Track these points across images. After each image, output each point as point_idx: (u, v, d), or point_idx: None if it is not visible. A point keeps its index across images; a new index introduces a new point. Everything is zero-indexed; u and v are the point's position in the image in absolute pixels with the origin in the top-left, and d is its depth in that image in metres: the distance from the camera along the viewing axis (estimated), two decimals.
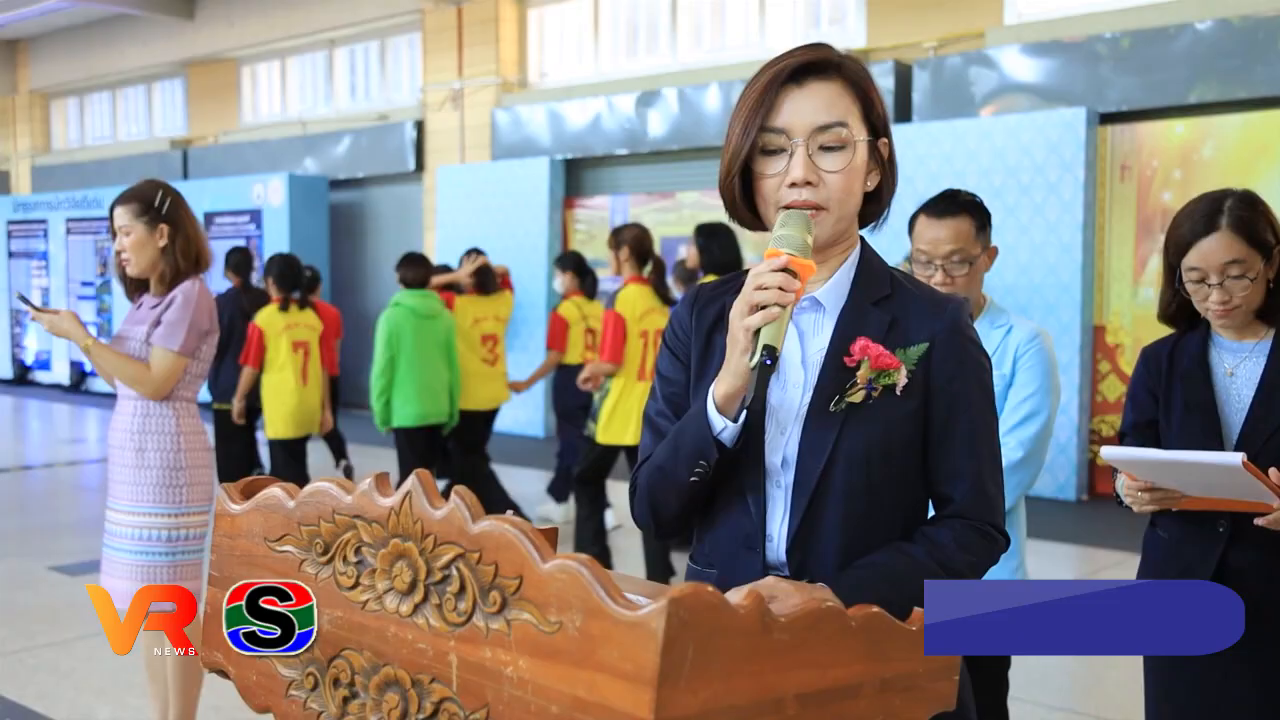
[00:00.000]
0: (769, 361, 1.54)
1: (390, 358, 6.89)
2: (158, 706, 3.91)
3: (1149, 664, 2.70)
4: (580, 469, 6.43)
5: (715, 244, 6.04)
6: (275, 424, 7.31)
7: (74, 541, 7.00)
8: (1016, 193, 9.26)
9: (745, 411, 1.64)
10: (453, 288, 7.63)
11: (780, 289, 1.56)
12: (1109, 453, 2.46)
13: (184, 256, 3.71)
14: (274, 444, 7.49)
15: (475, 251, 7.90)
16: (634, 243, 6.13)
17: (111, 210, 3.76)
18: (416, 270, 7.20)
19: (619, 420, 6.05)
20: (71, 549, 6.93)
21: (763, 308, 1.56)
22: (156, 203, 3.68)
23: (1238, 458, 2.21)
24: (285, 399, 7.24)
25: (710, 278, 5.81)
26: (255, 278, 8.92)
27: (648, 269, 6.24)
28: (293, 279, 7.44)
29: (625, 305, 6.00)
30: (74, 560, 6.71)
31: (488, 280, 7.65)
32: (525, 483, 9.05)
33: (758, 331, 1.57)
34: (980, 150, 9.46)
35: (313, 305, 7.79)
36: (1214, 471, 2.30)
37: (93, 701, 4.51)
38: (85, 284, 17.04)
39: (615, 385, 6.05)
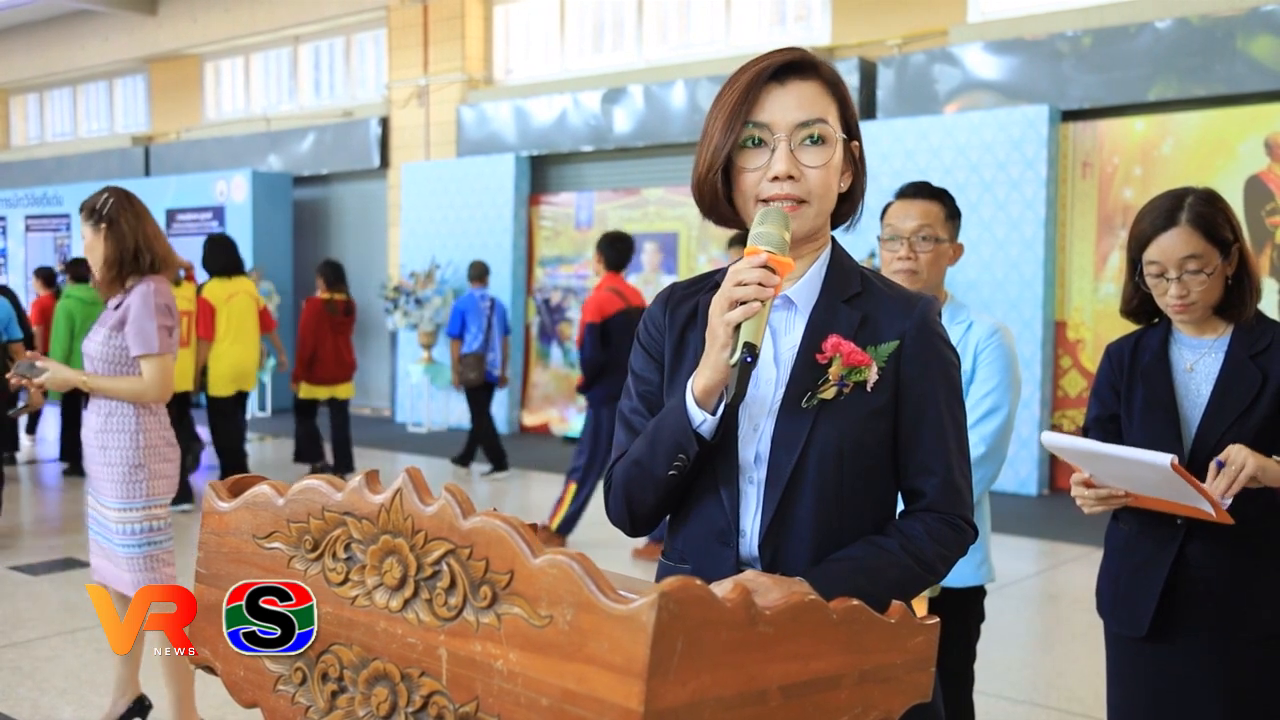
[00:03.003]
0: (749, 359, 1.56)
1: (70, 337, 8.63)
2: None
3: (1111, 653, 2.75)
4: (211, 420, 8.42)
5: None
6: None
7: (33, 541, 6.94)
8: (979, 189, 9.35)
9: (724, 405, 1.66)
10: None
11: (760, 284, 1.58)
12: (1049, 438, 2.52)
13: (128, 256, 3.75)
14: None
15: None
16: (225, 254, 8.37)
17: None
18: (80, 268, 8.97)
19: (221, 377, 8.17)
20: (31, 549, 6.86)
21: (743, 303, 1.59)
22: (98, 205, 3.75)
23: (1167, 459, 2.26)
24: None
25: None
26: None
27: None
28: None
29: (210, 293, 8.22)
30: (34, 560, 6.66)
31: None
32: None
33: (738, 328, 1.59)
34: (944, 147, 9.54)
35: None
36: (1146, 469, 2.34)
37: (56, 701, 4.48)
38: None
39: (216, 351, 8.13)
